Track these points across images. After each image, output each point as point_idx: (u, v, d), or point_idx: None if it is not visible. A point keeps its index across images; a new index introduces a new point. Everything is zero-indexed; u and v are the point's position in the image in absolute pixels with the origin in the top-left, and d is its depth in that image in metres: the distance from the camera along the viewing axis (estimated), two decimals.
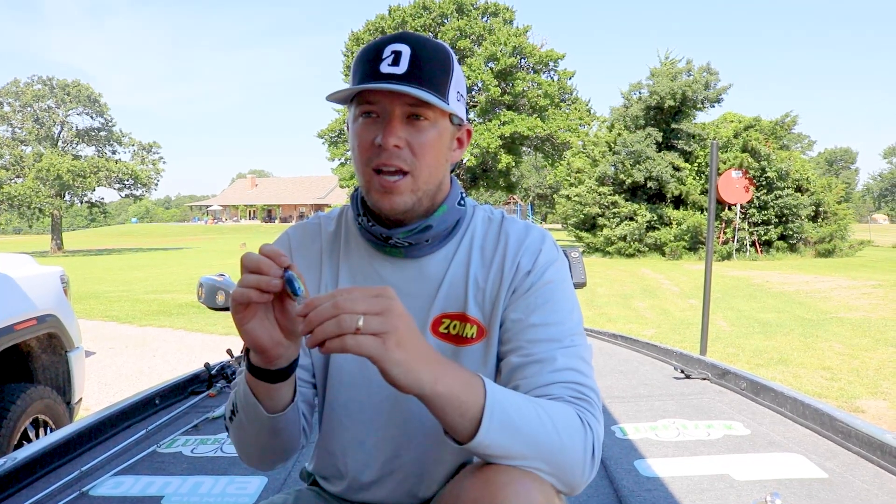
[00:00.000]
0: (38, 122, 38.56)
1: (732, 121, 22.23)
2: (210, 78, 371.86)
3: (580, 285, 2.89)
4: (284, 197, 77.82)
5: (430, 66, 0.93)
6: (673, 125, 22.06)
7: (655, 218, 21.68)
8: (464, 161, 35.28)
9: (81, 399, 3.67)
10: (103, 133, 40.50)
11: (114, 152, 40.78)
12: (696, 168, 21.95)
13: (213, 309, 3.07)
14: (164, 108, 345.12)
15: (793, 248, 20.25)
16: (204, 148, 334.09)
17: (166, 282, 15.71)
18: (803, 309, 9.24)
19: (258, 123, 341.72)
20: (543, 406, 0.84)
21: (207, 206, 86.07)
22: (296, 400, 0.95)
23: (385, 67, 0.91)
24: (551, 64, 35.01)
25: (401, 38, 0.94)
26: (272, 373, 0.87)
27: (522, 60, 34.45)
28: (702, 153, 21.63)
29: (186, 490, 1.93)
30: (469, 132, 1.04)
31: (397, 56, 0.91)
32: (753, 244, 20.09)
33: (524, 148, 37.03)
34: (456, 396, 0.77)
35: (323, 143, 38.17)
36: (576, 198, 23.32)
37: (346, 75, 36.13)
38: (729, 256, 19.68)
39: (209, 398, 2.86)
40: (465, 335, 1.01)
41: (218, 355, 3.61)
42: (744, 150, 20.02)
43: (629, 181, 21.88)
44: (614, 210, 22.27)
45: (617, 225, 21.99)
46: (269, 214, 78.07)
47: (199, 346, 7.44)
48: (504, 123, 33.46)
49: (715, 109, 28.18)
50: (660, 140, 22.04)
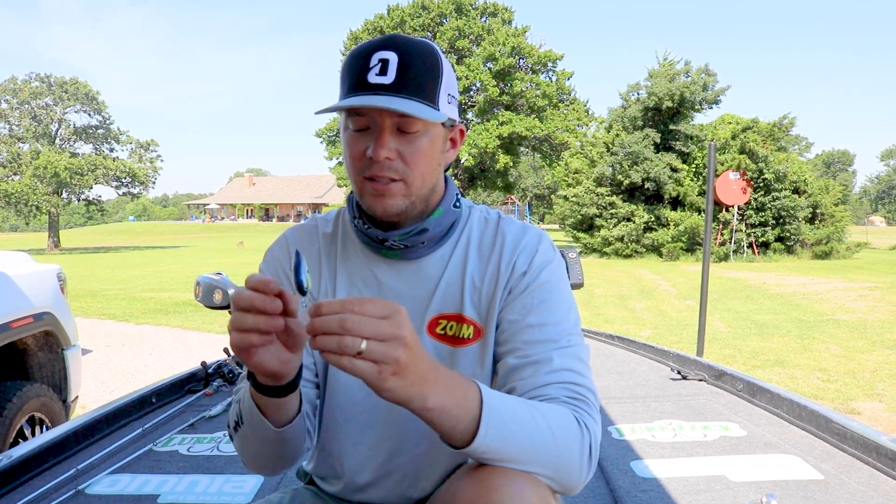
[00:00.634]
0: (36, 120, 38.46)
1: (730, 122, 22.23)
2: (208, 77, 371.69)
3: (577, 286, 2.89)
4: (282, 195, 77.78)
5: (419, 73, 0.91)
6: (671, 126, 22.06)
7: (653, 219, 21.69)
8: (461, 161, 35.31)
9: (78, 397, 3.66)
10: (101, 131, 40.42)
11: (111, 150, 40.71)
12: (694, 169, 21.97)
13: (211, 307, 3.07)
14: (163, 107, 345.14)
15: (790, 250, 20.28)
16: (202, 147, 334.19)
17: (163, 280, 15.69)
18: (800, 311, 9.25)
19: (256, 122, 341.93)
20: (540, 410, 0.84)
21: (205, 205, 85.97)
22: (303, 409, 0.93)
23: (373, 77, 0.89)
24: (550, 64, 35.07)
25: (387, 44, 0.91)
26: (280, 388, 0.84)
27: (521, 61, 34.48)
28: (700, 154, 21.64)
29: (183, 489, 1.93)
30: (462, 131, 1.03)
31: (385, 64, 0.89)
32: (751, 245, 20.12)
33: (522, 148, 37.06)
34: (447, 411, 0.76)
35: (321, 143, 38.25)
36: (573, 198, 23.32)
37: None
38: (726, 258, 19.71)
39: (206, 397, 2.86)
40: (462, 336, 1.01)
41: (215, 354, 3.60)
42: (741, 152, 20.05)
43: (627, 182, 21.89)
44: (612, 211, 22.27)
45: (614, 226, 22.00)
46: (267, 213, 77.99)
47: (196, 345, 7.43)
48: (502, 123, 33.49)
49: (713, 111, 28.42)
50: (658, 141, 22.05)
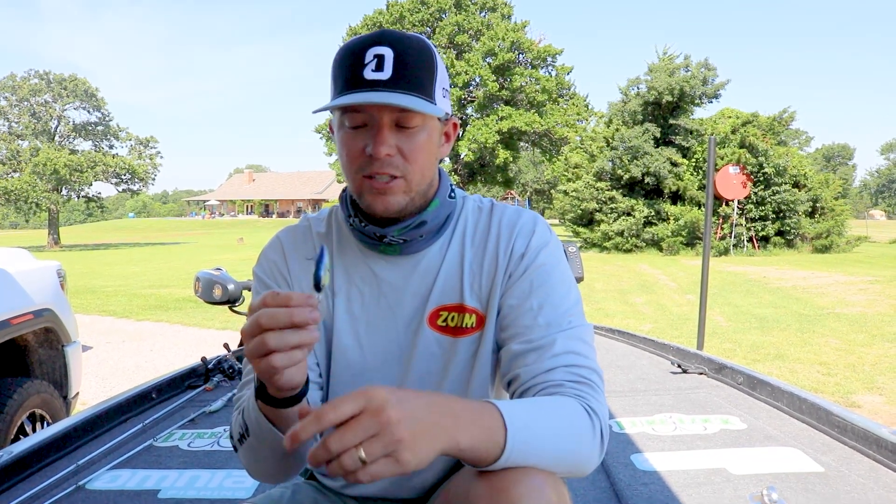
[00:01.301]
0: (35, 117, 38.41)
1: (730, 116, 22.20)
2: (208, 74, 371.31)
3: (577, 280, 2.89)
4: (282, 192, 77.69)
5: (415, 68, 0.90)
6: (671, 121, 22.03)
7: (653, 213, 21.69)
8: (461, 156, 35.30)
9: (78, 393, 3.67)
10: (100, 128, 40.38)
11: (111, 147, 40.69)
12: (694, 163, 21.95)
13: (210, 303, 3.08)
14: (162, 105, 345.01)
15: (790, 244, 20.29)
16: (201, 143, 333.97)
17: (163, 276, 15.70)
18: (800, 304, 9.26)
19: (256, 119, 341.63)
20: (553, 410, 0.83)
21: (205, 201, 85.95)
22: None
23: (369, 73, 0.88)
24: (549, 59, 34.99)
25: (381, 39, 0.89)
26: (292, 399, 0.82)
27: (520, 56, 34.42)
28: (699, 149, 21.62)
29: (183, 483, 1.93)
30: (455, 124, 1.02)
31: (380, 60, 0.88)
32: (751, 240, 20.12)
33: (522, 143, 37.03)
34: (479, 444, 0.74)
35: (321, 139, 38.19)
36: (573, 193, 23.32)
37: None
38: (726, 252, 19.70)
39: (206, 392, 2.86)
40: (465, 325, 1.00)
41: (215, 349, 3.60)
42: (741, 146, 20.03)
43: (627, 176, 21.89)
44: (612, 205, 22.27)
45: (614, 220, 22.00)
46: (267, 209, 77.97)
47: (196, 341, 7.44)
48: (502, 118, 33.45)
49: (713, 105, 28.32)
50: (657, 135, 22.02)
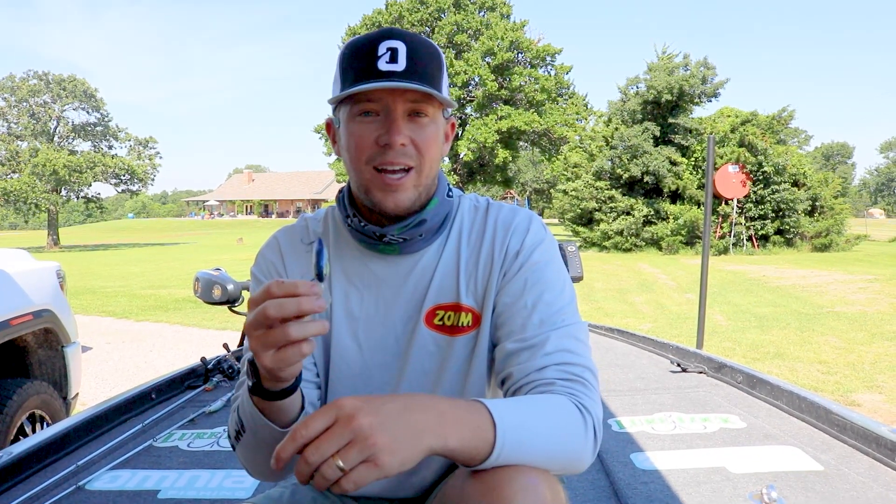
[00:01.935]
0: (34, 118, 38.41)
1: (729, 115, 22.20)
2: (206, 73, 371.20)
3: (577, 279, 2.89)
4: (281, 192, 77.68)
5: (427, 62, 0.92)
6: (670, 120, 22.03)
7: (652, 212, 21.70)
8: (460, 156, 35.28)
9: (78, 394, 3.67)
10: (99, 128, 40.38)
11: (110, 147, 40.69)
12: (693, 163, 21.95)
13: (210, 303, 3.08)
14: (161, 104, 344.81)
15: (789, 243, 20.29)
16: (200, 143, 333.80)
17: (163, 277, 15.70)
18: (800, 303, 9.26)
19: (255, 119, 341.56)
20: (544, 407, 0.83)
21: (204, 202, 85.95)
22: (305, 410, 0.92)
23: (384, 65, 0.90)
24: (548, 58, 34.99)
25: (392, 35, 0.92)
26: (285, 391, 0.84)
27: (519, 55, 34.41)
28: (699, 148, 21.61)
29: (183, 484, 1.93)
30: (454, 125, 1.04)
31: (394, 53, 0.90)
32: (750, 239, 20.12)
33: (521, 143, 37.02)
34: (467, 442, 0.74)
35: (320, 138, 38.15)
36: (573, 192, 23.32)
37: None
38: (726, 251, 19.71)
39: (205, 392, 2.86)
40: (461, 324, 1.01)
41: (214, 350, 3.60)
42: (741, 145, 20.03)
43: (626, 176, 21.89)
44: (611, 205, 22.27)
45: (614, 219, 22.00)
46: (266, 209, 77.96)
47: (196, 341, 7.44)
48: (501, 118, 33.45)
49: (712, 104, 28.24)
50: (657, 135, 22.02)
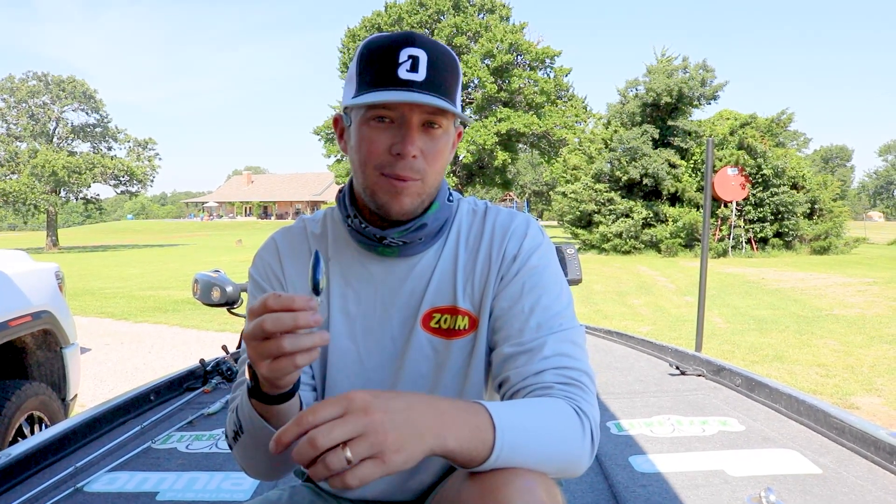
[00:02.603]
0: (33, 119, 38.38)
1: (728, 118, 22.24)
2: (206, 74, 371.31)
3: (576, 282, 2.90)
4: (280, 193, 77.72)
5: (446, 73, 0.92)
6: (669, 122, 22.07)
7: (651, 215, 21.71)
8: (460, 158, 35.30)
9: (76, 395, 3.66)
10: (99, 129, 40.35)
11: (109, 148, 40.64)
12: (692, 165, 21.98)
13: (209, 305, 3.08)
14: (160, 105, 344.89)
15: (788, 246, 20.31)
16: (200, 145, 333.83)
17: (162, 278, 15.69)
18: (798, 306, 9.27)
19: (254, 120, 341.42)
20: (542, 411, 0.83)
21: (203, 203, 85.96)
22: (302, 409, 0.91)
23: (404, 73, 0.89)
24: (547, 61, 35.05)
25: (412, 41, 0.91)
26: (283, 395, 0.84)
27: (519, 57, 34.47)
28: (698, 150, 21.65)
29: (181, 486, 1.93)
30: (460, 134, 1.03)
31: (415, 61, 0.89)
32: (749, 241, 20.14)
33: (520, 145, 37.08)
34: (467, 443, 0.74)
35: (319, 140, 38.15)
36: (572, 195, 23.33)
37: (343, 72, 36.07)
38: (725, 254, 19.72)
39: (204, 394, 2.85)
40: (457, 328, 1.01)
41: (213, 351, 3.60)
42: (740, 148, 20.08)
43: (625, 178, 21.91)
44: (610, 207, 22.29)
45: (613, 222, 22.01)
46: (265, 211, 77.96)
47: (195, 343, 7.43)
48: (500, 120, 33.48)
49: (711, 107, 28.48)
50: (656, 137, 22.06)
